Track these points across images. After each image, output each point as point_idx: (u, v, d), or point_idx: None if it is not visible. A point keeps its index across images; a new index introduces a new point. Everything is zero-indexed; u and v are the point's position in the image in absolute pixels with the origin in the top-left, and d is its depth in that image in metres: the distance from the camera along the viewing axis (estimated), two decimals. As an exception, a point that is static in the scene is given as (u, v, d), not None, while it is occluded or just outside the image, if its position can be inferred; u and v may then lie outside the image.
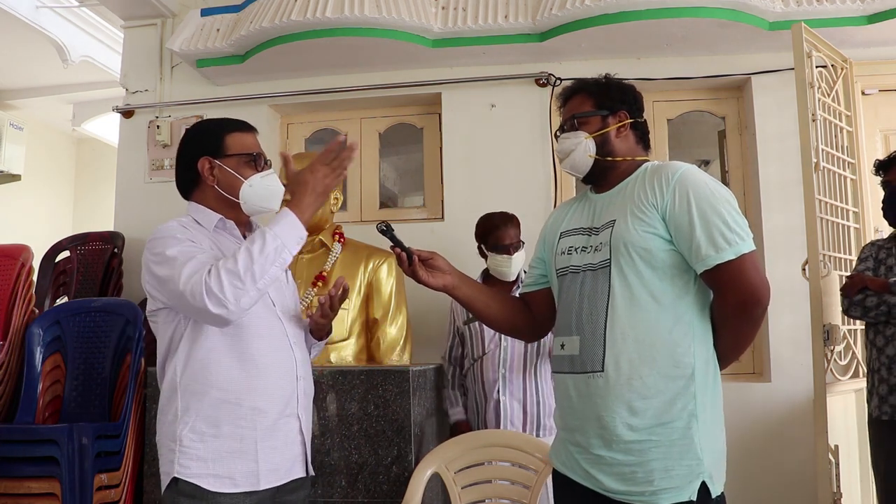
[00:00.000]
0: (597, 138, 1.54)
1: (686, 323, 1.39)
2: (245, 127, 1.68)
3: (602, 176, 1.55)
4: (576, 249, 1.52)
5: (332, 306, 1.70)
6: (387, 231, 1.57)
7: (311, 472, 1.67)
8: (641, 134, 1.59)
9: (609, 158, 1.54)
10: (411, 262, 1.57)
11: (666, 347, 1.37)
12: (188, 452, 1.49)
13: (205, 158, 1.61)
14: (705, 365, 1.40)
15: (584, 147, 1.54)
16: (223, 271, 1.41)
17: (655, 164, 1.52)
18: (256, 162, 1.62)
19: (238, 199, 1.60)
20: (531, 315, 1.69)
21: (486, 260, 2.75)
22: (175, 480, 1.50)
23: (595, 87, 1.59)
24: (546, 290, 1.64)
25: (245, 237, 1.65)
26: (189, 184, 1.66)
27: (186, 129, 1.72)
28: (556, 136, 1.63)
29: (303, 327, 1.76)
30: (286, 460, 1.58)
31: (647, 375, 1.36)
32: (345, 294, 1.71)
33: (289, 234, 1.47)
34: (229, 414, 1.51)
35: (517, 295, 1.76)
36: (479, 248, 2.79)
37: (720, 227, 1.36)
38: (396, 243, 1.57)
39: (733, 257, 1.35)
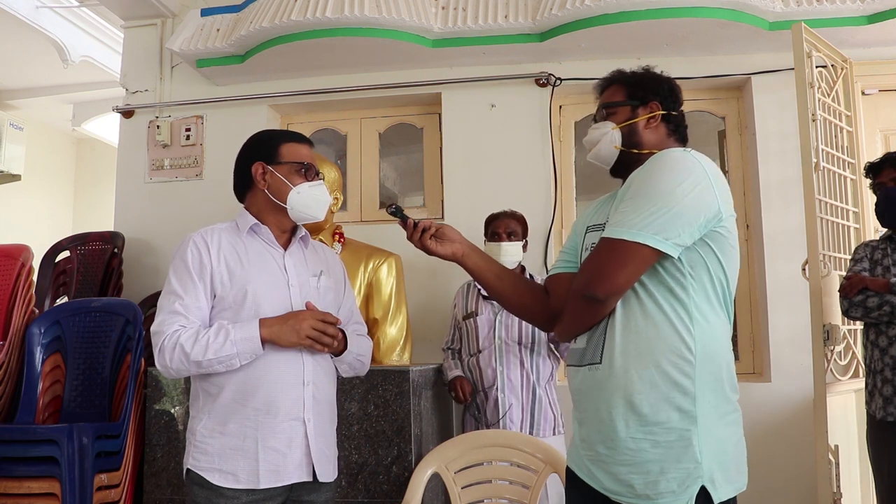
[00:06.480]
0: (623, 129, 1.51)
1: (684, 319, 1.35)
2: (301, 139, 1.78)
3: (628, 169, 1.49)
4: (595, 246, 1.48)
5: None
6: (397, 212, 1.59)
7: (320, 478, 1.67)
8: (675, 127, 1.54)
9: (635, 150, 1.50)
10: (416, 227, 1.56)
11: (662, 342, 1.33)
12: (200, 447, 1.63)
13: (259, 163, 1.72)
14: (706, 363, 1.35)
15: (609, 138, 1.51)
16: (178, 347, 1.57)
17: (659, 153, 1.46)
18: (307, 171, 1.72)
19: (285, 204, 1.69)
20: (546, 302, 1.61)
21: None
22: (188, 471, 1.64)
23: (629, 78, 1.56)
24: (569, 275, 1.57)
25: (289, 242, 1.75)
26: (243, 187, 1.77)
27: (247, 138, 1.82)
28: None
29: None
30: (289, 463, 1.62)
31: (642, 369, 1.33)
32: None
33: (247, 348, 1.58)
34: (235, 414, 1.61)
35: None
36: (485, 244, 2.80)
37: (632, 207, 1.34)
38: (405, 219, 1.58)
39: (610, 236, 1.35)
